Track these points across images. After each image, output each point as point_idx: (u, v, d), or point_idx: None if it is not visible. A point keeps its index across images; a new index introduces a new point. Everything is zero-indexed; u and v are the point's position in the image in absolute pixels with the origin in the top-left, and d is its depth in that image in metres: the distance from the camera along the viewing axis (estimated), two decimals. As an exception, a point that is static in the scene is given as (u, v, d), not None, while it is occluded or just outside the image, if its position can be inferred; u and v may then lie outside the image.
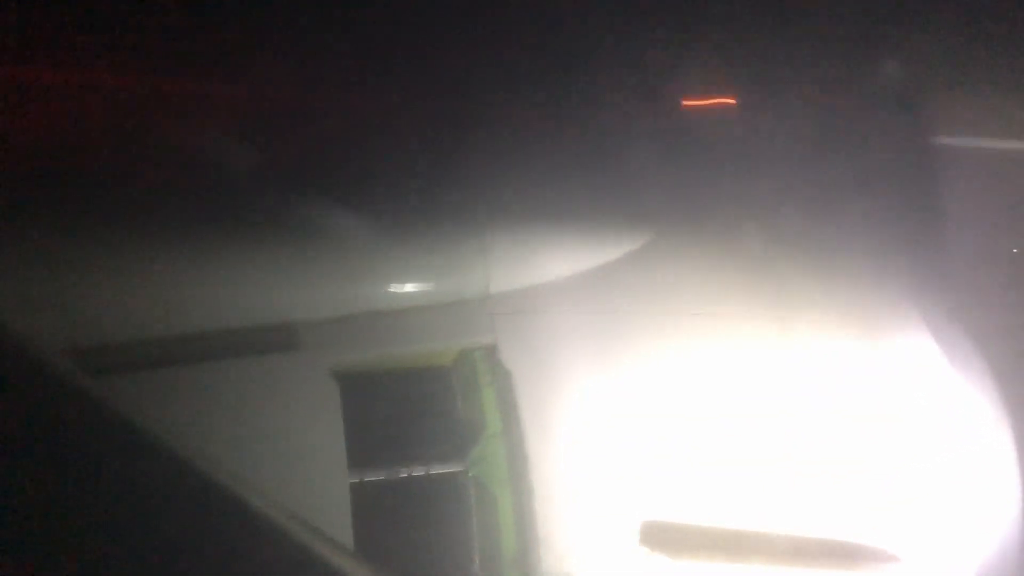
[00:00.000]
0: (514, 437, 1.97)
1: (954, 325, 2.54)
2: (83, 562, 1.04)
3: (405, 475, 1.98)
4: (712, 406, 2.09)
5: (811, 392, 2.17)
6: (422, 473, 1.99)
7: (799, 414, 2.12)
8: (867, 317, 2.42)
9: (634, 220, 2.59)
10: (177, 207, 2.30)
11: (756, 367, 2.19)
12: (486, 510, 2.03)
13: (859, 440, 2.12)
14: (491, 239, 2.25)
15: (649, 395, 2.06)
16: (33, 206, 2.12)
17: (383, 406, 2.07)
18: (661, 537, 1.97)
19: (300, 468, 1.80)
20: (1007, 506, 2.17)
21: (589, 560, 1.95)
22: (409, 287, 2.15)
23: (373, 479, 1.95)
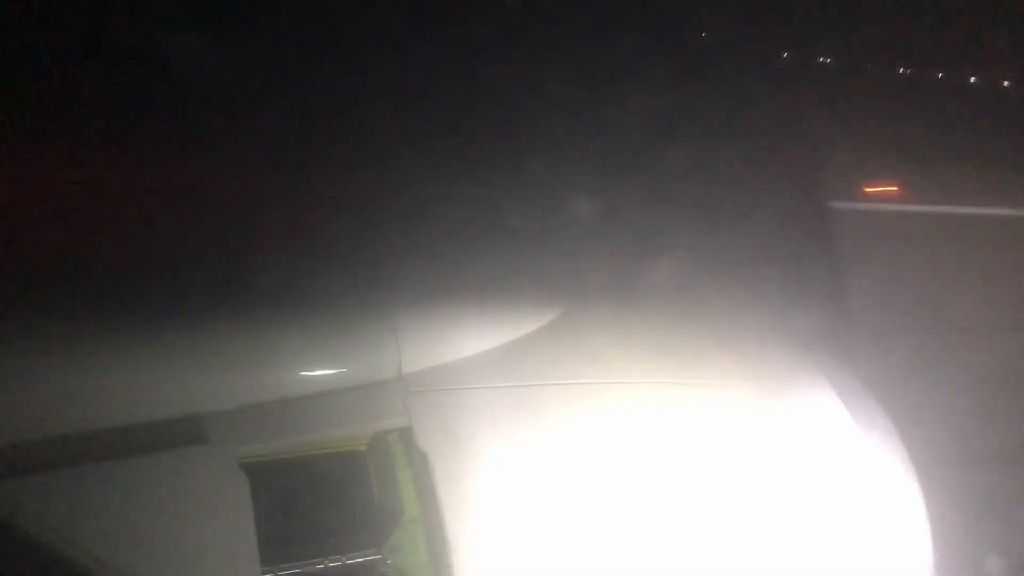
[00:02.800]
0: (432, 521, 1.93)
1: (860, 386, 2.62)
2: None
3: (321, 566, 1.92)
4: (630, 476, 2.09)
5: (723, 457, 2.19)
6: (338, 563, 1.93)
7: (712, 481, 2.14)
8: (774, 381, 2.47)
9: (542, 296, 2.62)
10: (71, 300, 2.23)
11: (668, 435, 2.21)
12: (406, 599, 1.97)
13: (772, 505, 2.15)
14: (401, 319, 2.24)
15: (565, 468, 2.05)
16: None
17: (296, 495, 2.01)
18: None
19: (211, 565, 1.72)
20: (918, 570, 2.21)
21: None
22: (318, 371, 2.11)
23: (287, 572, 1.88)
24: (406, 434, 2.05)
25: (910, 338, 6.54)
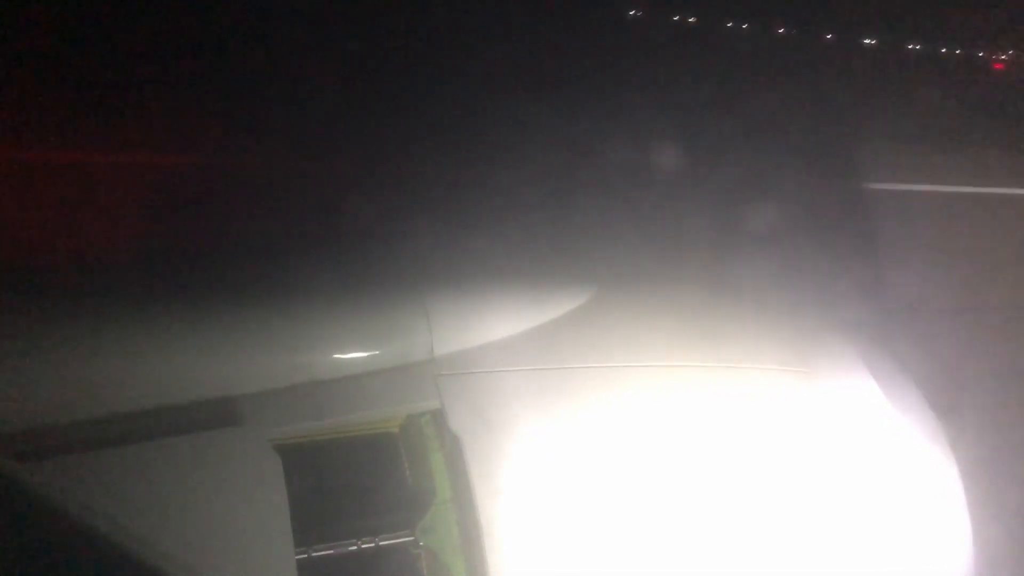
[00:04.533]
0: (465, 503, 1.92)
1: (898, 368, 2.59)
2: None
3: (354, 547, 1.92)
4: (662, 459, 2.07)
5: (757, 440, 2.17)
6: (371, 544, 1.93)
7: (747, 465, 2.12)
8: (809, 364, 2.44)
9: (574, 278, 2.61)
10: (102, 281, 2.24)
11: (701, 419, 2.19)
12: (439, 580, 1.97)
13: (810, 489, 2.12)
14: (433, 301, 2.23)
15: (596, 452, 2.04)
16: None
17: (328, 477, 2.02)
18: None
19: (245, 545, 1.73)
20: (958, 554, 2.18)
21: None
22: (351, 354, 2.11)
23: (321, 553, 1.88)
24: (438, 416, 2.05)
25: (948, 319, 6.45)
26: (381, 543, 1.95)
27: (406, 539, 1.97)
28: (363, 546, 1.93)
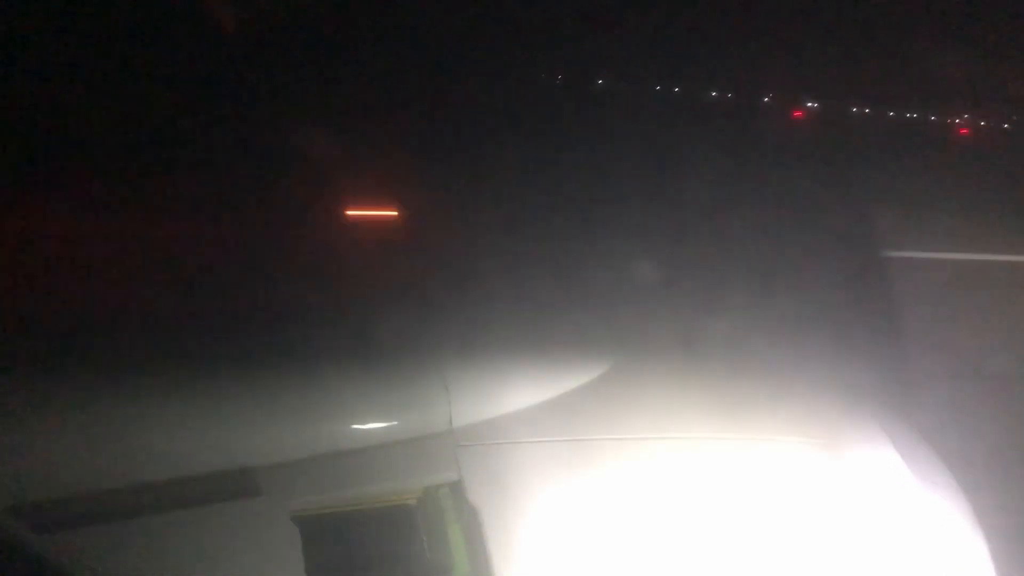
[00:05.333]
0: None
1: (920, 440, 2.56)
2: None
3: None
4: (682, 532, 2.05)
5: (778, 514, 2.14)
6: None
7: (767, 537, 2.09)
8: (828, 434, 2.42)
9: (592, 349, 2.61)
10: (127, 355, 2.27)
11: (720, 491, 2.17)
12: (457, 656, 1.94)
13: (833, 564, 2.09)
14: (451, 372, 2.24)
15: (617, 524, 2.02)
16: None
17: (347, 549, 2.00)
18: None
19: None
20: None
21: None
22: (370, 425, 2.11)
23: None
24: (456, 488, 2.04)
25: (965, 385, 6.38)
26: None
27: None
28: None
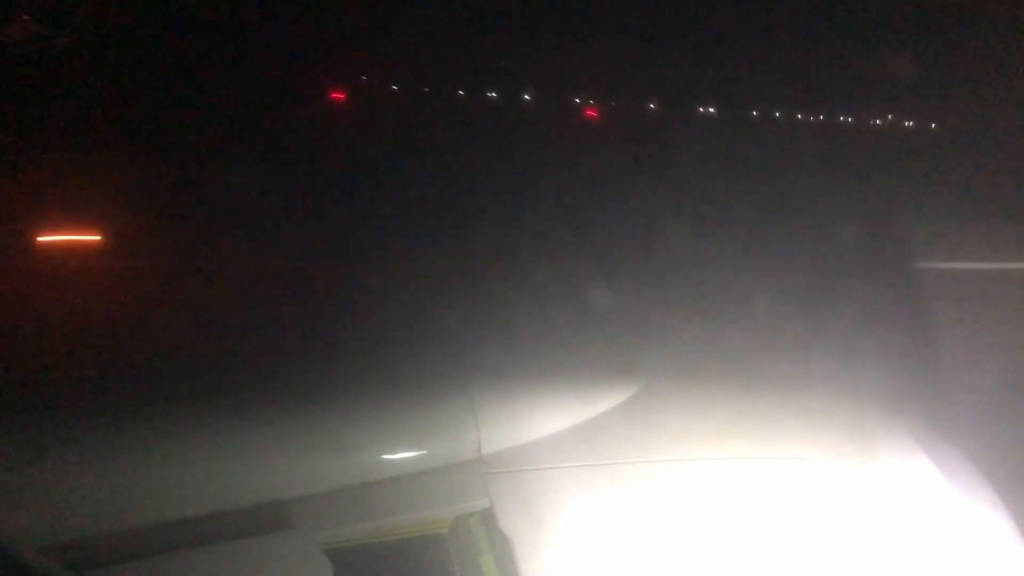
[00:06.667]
0: None
1: (956, 451, 2.52)
2: None
3: None
4: (719, 556, 2.02)
5: (816, 534, 2.11)
6: None
7: (805, 560, 2.05)
8: (863, 453, 2.39)
9: (620, 372, 2.60)
10: (158, 390, 2.28)
11: (759, 513, 2.14)
12: None
13: None
14: (480, 399, 2.24)
15: (651, 549, 2.00)
16: (9, 394, 2.09)
17: None
18: None
19: None
20: None
21: None
22: (399, 454, 2.11)
23: None
24: (488, 516, 2.03)
25: (1009, 399, 6.27)
26: None
27: None
28: None
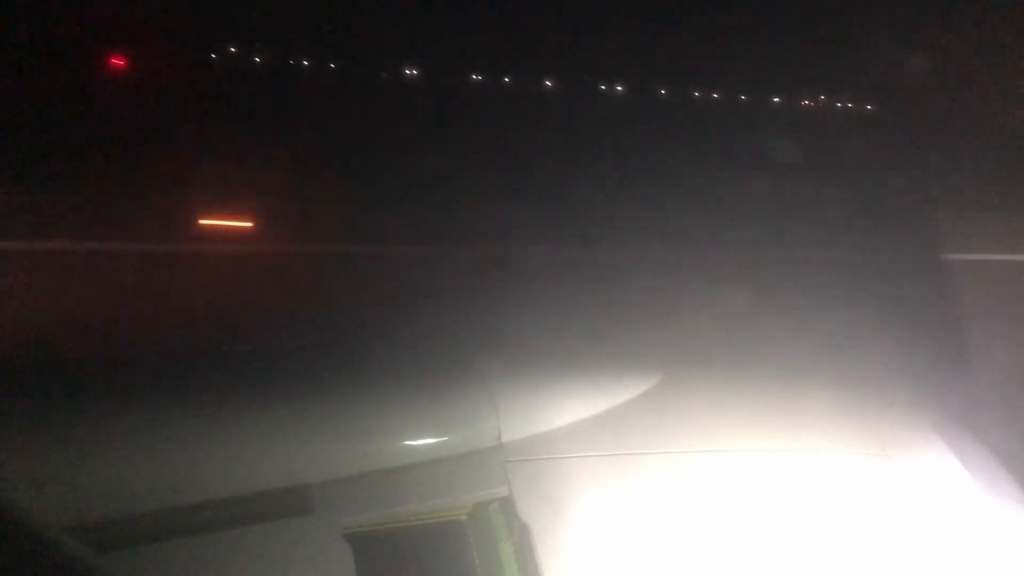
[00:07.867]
0: None
1: (982, 447, 2.50)
2: None
3: None
4: (738, 546, 2.02)
5: (832, 526, 2.11)
6: None
7: (825, 551, 2.05)
8: (883, 443, 2.38)
9: (640, 364, 2.59)
10: (181, 376, 2.31)
11: (780, 504, 2.13)
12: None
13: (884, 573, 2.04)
14: (500, 388, 2.24)
15: (667, 538, 2.00)
16: (36, 381, 2.12)
17: (398, 565, 2.01)
18: None
19: None
20: None
21: None
22: (420, 441, 2.12)
23: None
24: (507, 503, 2.04)
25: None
26: None
27: None
28: None
